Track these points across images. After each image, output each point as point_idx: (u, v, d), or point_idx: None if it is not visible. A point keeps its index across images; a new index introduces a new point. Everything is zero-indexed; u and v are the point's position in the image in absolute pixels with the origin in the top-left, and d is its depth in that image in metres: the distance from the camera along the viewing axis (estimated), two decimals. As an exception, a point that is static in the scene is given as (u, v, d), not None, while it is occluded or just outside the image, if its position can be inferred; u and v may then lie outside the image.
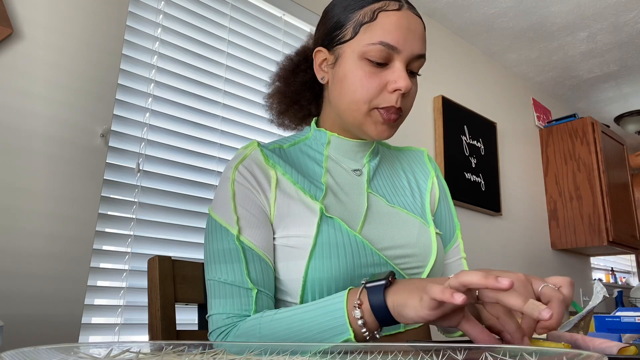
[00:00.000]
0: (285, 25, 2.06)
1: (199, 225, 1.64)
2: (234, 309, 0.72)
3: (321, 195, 0.79)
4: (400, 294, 0.59)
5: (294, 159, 0.85)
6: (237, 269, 0.74)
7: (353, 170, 0.85)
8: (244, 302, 0.73)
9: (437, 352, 0.39)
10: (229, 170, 0.81)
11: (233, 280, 0.73)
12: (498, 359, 0.36)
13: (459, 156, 2.72)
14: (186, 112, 1.68)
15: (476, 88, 3.06)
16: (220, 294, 0.74)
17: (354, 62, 0.77)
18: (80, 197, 1.36)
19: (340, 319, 0.63)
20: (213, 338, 0.73)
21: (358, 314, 0.61)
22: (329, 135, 0.85)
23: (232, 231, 0.75)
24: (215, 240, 0.76)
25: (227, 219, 0.76)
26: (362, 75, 0.76)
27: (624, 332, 0.95)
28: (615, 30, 2.92)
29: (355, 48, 0.77)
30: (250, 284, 0.73)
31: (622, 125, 4.15)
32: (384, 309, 0.60)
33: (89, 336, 1.38)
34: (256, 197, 0.78)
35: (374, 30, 0.76)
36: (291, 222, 0.77)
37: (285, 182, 0.80)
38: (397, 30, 0.75)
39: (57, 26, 1.39)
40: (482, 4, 2.69)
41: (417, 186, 0.91)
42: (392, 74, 0.76)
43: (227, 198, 0.78)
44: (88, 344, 0.47)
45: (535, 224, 3.29)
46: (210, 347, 0.45)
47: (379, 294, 0.60)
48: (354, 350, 0.42)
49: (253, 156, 0.82)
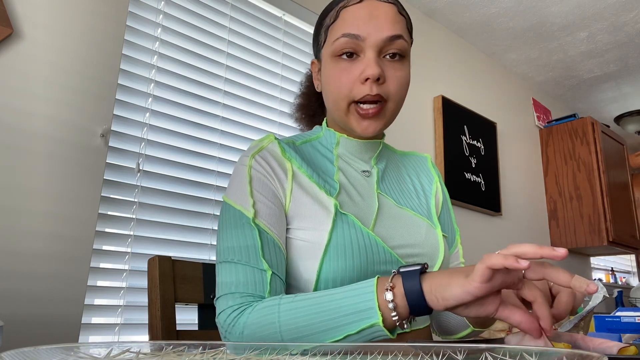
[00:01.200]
0: (285, 25, 2.06)
1: (199, 225, 1.64)
2: (247, 289, 0.70)
3: (335, 192, 0.80)
4: (438, 278, 0.58)
5: (308, 156, 0.86)
6: (251, 251, 0.72)
7: (362, 171, 0.86)
8: (258, 283, 0.70)
9: (437, 352, 0.39)
10: (245, 158, 0.81)
11: (247, 261, 0.71)
12: (498, 359, 0.36)
13: (459, 156, 2.72)
14: (186, 112, 1.68)
15: (476, 88, 3.06)
16: (232, 274, 0.71)
17: (328, 63, 0.81)
18: (80, 197, 1.36)
19: (369, 302, 0.61)
20: (223, 319, 0.69)
21: (390, 296, 0.59)
22: (338, 136, 0.86)
23: (247, 214, 0.74)
24: (229, 223, 0.75)
25: (242, 203, 0.75)
26: (336, 72, 0.79)
27: (624, 332, 0.95)
28: (615, 30, 2.92)
29: (327, 50, 0.81)
30: (265, 265, 0.71)
31: (622, 125, 4.15)
32: (418, 293, 0.58)
33: (89, 336, 1.38)
34: (273, 185, 0.78)
35: (337, 27, 0.79)
36: (306, 215, 0.77)
37: (301, 176, 0.80)
38: (357, 19, 0.77)
39: (57, 26, 1.39)
40: (482, 4, 2.69)
41: (423, 190, 0.92)
42: (362, 64, 0.77)
43: (243, 183, 0.77)
44: (88, 344, 0.47)
45: (535, 224, 3.29)
46: (211, 347, 0.45)
47: (415, 278, 0.59)
48: (354, 350, 0.42)
49: (270, 148, 0.82)
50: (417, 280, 0.59)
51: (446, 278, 0.57)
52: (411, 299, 0.59)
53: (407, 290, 0.59)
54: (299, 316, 0.64)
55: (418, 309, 0.59)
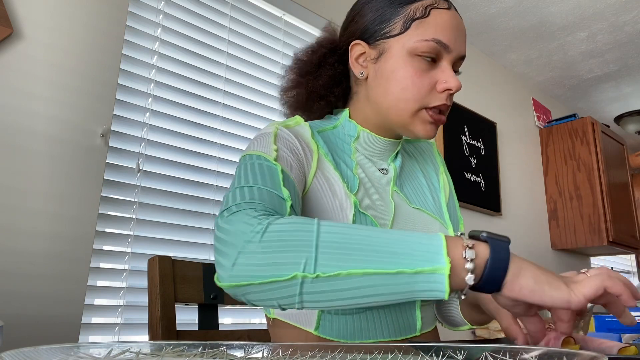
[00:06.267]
0: (285, 25, 2.06)
1: (199, 225, 1.64)
2: (269, 205, 0.61)
3: (355, 188, 0.77)
4: (532, 268, 0.53)
5: (328, 144, 0.81)
6: (272, 180, 0.64)
7: (380, 169, 0.84)
8: (278, 207, 0.62)
9: (437, 352, 0.39)
10: (270, 127, 0.75)
11: (264, 185, 0.63)
12: (498, 359, 0.36)
13: (459, 156, 2.72)
14: (186, 112, 1.68)
15: (476, 88, 3.06)
16: (245, 194, 0.61)
17: (403, 58, 0.75)
18: (80, 197, 1.36)
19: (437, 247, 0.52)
20: (238, 218, 0.57)
21: (471, 254, 0.52)
22: (359, 130, 0.83)
23: (268, 157, 0.68)
24: (245, 165, 0.67)
25: (263, 149, 0.69)
26: (413, 72, 0.74)
27: (624, 332, 0.95)
28: (615, 30, 2.92)
29: (405, 43, 0.74)
30: (286, 194, 0.64)
31: (622, 125, 4.15)
32: (503, 269, 0.51)
33: (89, 336, 1.38)
34: (299, 154, 0.73)
35: (427, 26, 0.74)
36: (325, 207, 0.74)
37: (326, 164, 0.77)
38: (449, 29, 0.74)
39: (57, 26, 1.39)
40: (482, 4, 2.69)
41: (433, 185, 0.91)
42: (441, 74, 0.75)
43: (266, 137, 0.72)
44: (88, 344, 0.47)
45: (535, 224, 3.29)
46: (211, 347, 0.44)
47: (505, 251, 0.52)
48: (354, 349, 0.42)
49: (297, 129, 0.77)
50: (507, 255, 0.52)
51: (541, 273, 0.52)
52: (491, 271, 0.52)
53: (493, 259, 0.52)
54: (345, 233, 0.54)
55: (489, 284, 0.52)
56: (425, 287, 0.51)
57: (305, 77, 0.85)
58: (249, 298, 0.55)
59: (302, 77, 0.85)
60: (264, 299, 0.54)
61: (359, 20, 0.80)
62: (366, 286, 0.51)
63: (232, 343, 0.44)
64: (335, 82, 0.84)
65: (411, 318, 0.79)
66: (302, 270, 0.51)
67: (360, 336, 0.75)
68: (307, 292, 0.52)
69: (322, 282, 0.51)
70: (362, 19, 0.80)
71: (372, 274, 0.51)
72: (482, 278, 0.52)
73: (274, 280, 0.52)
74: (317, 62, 0.85)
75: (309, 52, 0.86)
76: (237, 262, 0.53)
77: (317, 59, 0.85)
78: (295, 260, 0.52)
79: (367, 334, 0.75)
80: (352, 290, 0.52)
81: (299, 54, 0.88)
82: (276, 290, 0.53)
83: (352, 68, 0.81)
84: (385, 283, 0.51)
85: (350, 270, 0.51)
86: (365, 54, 0.79)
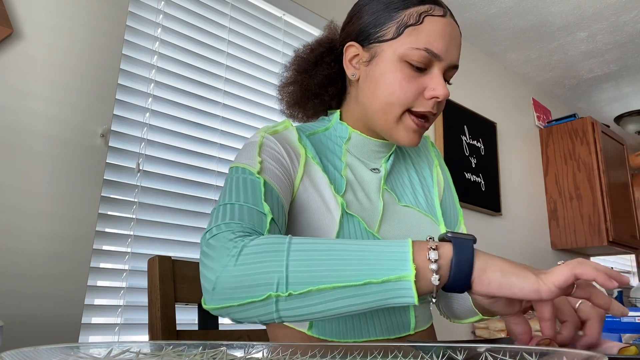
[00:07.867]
0: (285, 25, 2.06)
1: (199, 225, 1.64)
2: (247, 224, 0.62)
3: (342, 189, 0.78)
4: (498, 262, 0.53)
5: (319, 148, 0.82)
6: (253, 195, 0.66)
7: (372, 169, 0.84)
8: (257, 224, 0.63)
9: (437, 352, 0.39)
10: (257, 135, 0.76)
11: (246, 201, 0.65)
12: (498, 359, 0.36)
13: (459, 156, 2.72)
14: (186, 112, 1.68)
15: (476, 88, 3.06)
16: (227, 213, 0.63)
17: (393, 63, 0.75)
18: (80, 197, 1.36)
19: (403, 254, 0.53)
20: (217, 240, 0.60)
21: (434, 256, 0.53)
22: (350, 132, 0.83)
23: (252, 169, 0.69)
24: (230, 181, 0.69)
25: (248, 162, 0.71)
26: (401, 77, 0.74)
27: (624, 332, 0.95)
28: (615, 30, 2.92)
29: (396, 49, 0.74)
30: (266, 208, 0.65)
31: (622, 125, 4.15)
32: (468, 266, 0.52)
33: (89, 336, 1.38)
34: (284, 162, 0.74)
35: (419, 34, 0.73)
36: (312, 210, 0.74)
37: (314, 166, 0.77)
38: (442, 38, 0.74)
39: (57, 26, 1.39)
40: (482, 4, 2.69)
41: (426, 181, 0.91)
42: (430, 80, 0.74)
43: (251, 148, 0.74)
44: (88, 344, 0.47)
45: (535, 224, 3.29)
46: (211, 347, 0.44)
47: (468, 249, 0.53)
48: (354, 350, 0.42)
49: (285, 134, 0.78)
50: (471, 252, 0.53)
51: (509, 266, 0.52)
52: (457, 270, 0.52)
53: (457, 257, 0.53)
54: (314, 250, 0.56)
55: (457, 283, 0.53)
56: (394, 294, 0.53)
57: (302, 75, 0.86)
58: (232, 317, 0.59)
59: (299, 75, 0.86)
60: (245, 317, 0.58)
61: (356, 22, 0.81)
62: (338, 299, 0.54)
63: (232, 343, 0.44)
64: (330, 81, 0.85)
65: (405, 317, 0.79)
66: (275, 290, 0.55)
67: (354, 335, 0.75)
68: (283, 309, 0.55)
69: (295, 300, 0.55)
70: (359, 20, 0.80)
71: (342, 287, 0.54)
72: (449, 277, 0.53)
73: (250, 301, 0.56)
74: (314, 60, 0.86)
75: (307, 49, 0.88)
76: (216, 286, 0.57)
77: (315, 57, 0.86)
78: (267, 281, 0.55)
79: (360, 333, 0.75)
80: (325, 304, 0.54)
81: (298, 51, 0.89)
82: (254, 309, 0.56)
83: (345, 69, 0.82)
84: (355, 294, 0.54)
85: (319, 287, 0.54)
86: (359, 56, 0.80)
